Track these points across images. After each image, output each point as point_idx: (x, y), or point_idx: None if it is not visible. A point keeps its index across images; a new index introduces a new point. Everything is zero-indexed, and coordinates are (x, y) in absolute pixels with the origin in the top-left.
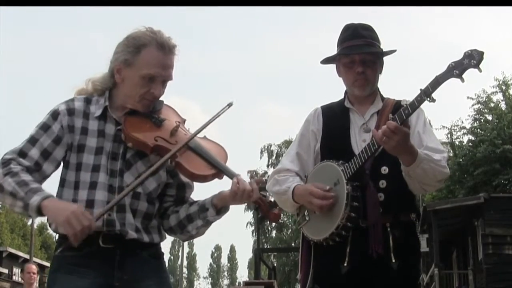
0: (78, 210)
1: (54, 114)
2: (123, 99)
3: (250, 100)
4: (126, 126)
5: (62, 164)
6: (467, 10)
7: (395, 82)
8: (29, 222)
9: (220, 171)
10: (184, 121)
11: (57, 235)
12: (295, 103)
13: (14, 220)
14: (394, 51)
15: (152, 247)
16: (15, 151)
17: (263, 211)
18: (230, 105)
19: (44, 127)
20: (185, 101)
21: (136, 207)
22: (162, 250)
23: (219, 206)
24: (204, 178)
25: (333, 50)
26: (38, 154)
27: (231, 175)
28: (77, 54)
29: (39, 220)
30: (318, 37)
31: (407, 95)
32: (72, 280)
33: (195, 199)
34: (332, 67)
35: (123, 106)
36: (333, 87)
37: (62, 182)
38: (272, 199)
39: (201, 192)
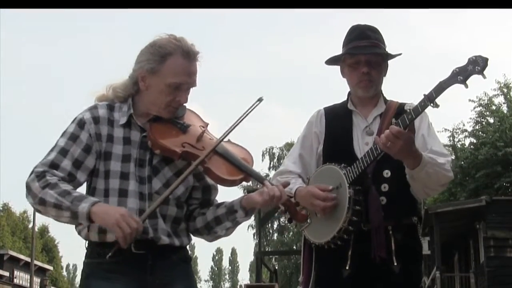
0: (127, 213)
1: (80, 123)
2: (147, 106)
3: (252, 102)
4: (153, 133)
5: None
6: (468, 12)
7: (395, 84)
8: (30, 225)
9: (248, 175)
10: (207, 125)
11: (86, 242)
12: (296, 105)
13: (15, 223)
14: (399, 54)
15: (182, 250)
16: (45, 163)
17: (291, 212)
18: (260, 100)
19: (73, 137)
20: (187, 103)
21: (166, 212)
22: (189, 253)
23: (248, 207)
24: (232, 183)
25: (333, 52)
26: (70, 164)
27: (259, 178)
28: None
29: (40, 223)
30: (319, 40)
31: (407, 97)
32: (105, 285)
33: (219, 201)
34: (335, 69)
35: (147, 113)
36: (335, 90)
37: (93, 191)
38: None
39: (225, 193)
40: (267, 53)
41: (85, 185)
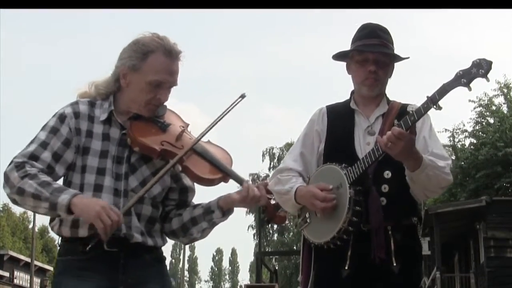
0: (108, 206)
1: (61, 117)
2: (128, 104)
3: (252, 103)
4: (132, 131)
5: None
6: (468, 13)
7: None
8: (30, 226)
9: (226, 175)
10: (187, 125)
11: (60, 238)
12: (296, 105)
13: (15, 223)
14: (407, 58)
15: (155, 250)
16: (25, 154)
17: (270, 213)
18: (243, 96)
19: (53, 130)
20: (183, 103)
21: (140, 211)
22: (164, 253)
23: (225, 208)
24: (211, 182)
25: (332, 52)
26: (50, 157)
27: (238, 179)
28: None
29: (40, 223)
30: (318, 40)
31: (407, 97)
32: (76, 283)
33: (196, 203)
34: (337, 68)
35: (127, 111)
36: (335, 90)
37: (68, 184)
38: (272, 202)
39: (203, 195)
40: (266, 53)
41: (61, 179)
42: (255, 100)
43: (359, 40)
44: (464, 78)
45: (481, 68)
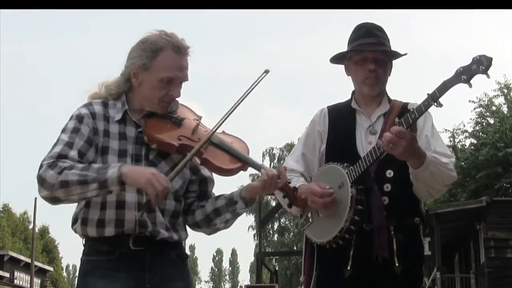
0: (157, 172)
1: (79, 118)
2: (141, 102)
3: (252, 103)
4: (149, 128)
5: None
6: (469, 13)
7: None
8: (31, 226)
9: (245, 163)
10: (201, 118)
11: (84, 238)
12: (296, 106)
13: (15, 223)
14: (405, 54)
15: (179, 246)
16: (53, 155)
17: (290, 197)
18: (267, 72)
19: (75, 130)
20: (186, 101)
21: (164, 206)
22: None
23: (248, 198)
24: (230, 172)
25: (333, 53)
26: (77, 155)
27: (256, 166)
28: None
29: (40, 223)
30: (320, 41)
31: (409, 97)
32: (104, 284)
33: (216, 194)
34: (337, 69)
35: (141, 109)
36: (335, 90)
37: None
38: (273, 204)
39: (221, 186)
40: (267, 54)
41: None
42: (255, 101)
43: (356, 40)
44: (465, 74)
45: (481, 64)
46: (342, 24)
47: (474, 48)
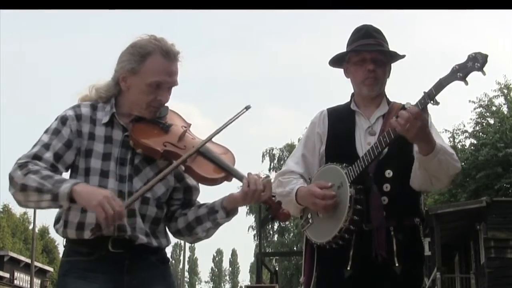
0: (110, 195)
1: (63, 119)
2: (129, 107)
3: (252, 104)
4: (134, 133)
5: (70, 169)
6: (469, 14)
7: (397, 86)
8: (31, 227)
9: (229, 173)
10: (189, 125)
11: (65, 239)
12: (296, 107)
13: (15, 224)
14: (403, 56)
15: (160, 251)
16: (29, 155)
17: (273, 211)
18: (247, 108)
19: (55, 132)
20: (184, 104)
21: (145, 212)
22: (167, 254)
23: (229, 208)
24: (214, 181)
25: (331, 55)
26: (52, 157)
27: (240, 177)
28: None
29: (40, 224)
30: (319, 42)
31: (409, 98)
32: (82, 285)
33: (201, 202)
34: (336, 71)
35: (129, 113)
36: (334, 91)
37: None
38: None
39: (208, 194)
40: (267, 55)
41: None
42: (255, 101)
43: (354, 42)
44: (460, 72)
45: (477, 61)
46: (343, 24)
47: (474, 48)
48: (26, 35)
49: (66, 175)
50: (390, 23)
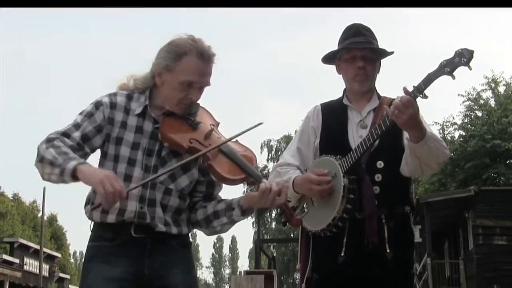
0: (113, 176)
1: (97, 105)
2: (162, 101)
3: (251, 98)
4: (163, 127)
5: (100, 153)
6: (458, 12)
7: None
8: (40, 214)
9: (249, 175)
10: (218, 124)
11: (92, 224)
12: (293, 100)
13: (25, 212)
14: (392, 52)
15: (181, 237)
16: (59, 132)
17: (287, 215)
18: (260, 124)
19: (88, 115)
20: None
21: (167, 202)
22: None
23: (245, 207)
24: (233, 182)
25: (328, 51)
26: (80, 136)
27: (259, 179)
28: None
29: (49, 212)
30: (313, 39)
31: (401, 93)
32: (105, 269)
33: (223, 198)
34: (329, 68)
35: (161, 107)
36: (328, 86)
37: None
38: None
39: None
40: (266, 52)
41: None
42: (255, 96)
43: (345, 40)
44: (448, 67)
45: (463, 57)
46: (338, 23)
47: (463, 44)
48: (26, 33)
49: (91, 158)
50: (385, 21)
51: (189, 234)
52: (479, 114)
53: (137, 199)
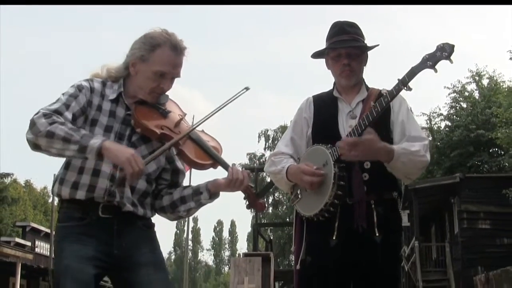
0: (135, 154)
1: (80, 87)
2: (135, 90)
3: (250, 90)
4: (137, 114)
5: None
6: (444, 9)
7: (380, 73)
8: (50, 200)
9: (216, 161)
10: (185, 114)
11: (59, 202)
12: (288, 93)
13: (36, 198)
14: (377, 45)
15: (145, 219)
16: (50, 109)
17: (250, 200)
18: (247, 89)
19: (74, 95)
20: (190, 89)
21: (135, 185)
22: (166, 225)
23: (213, 191)
24: (202, 166)
25: (319, 46)
26: (71, 117)
27: (226, 166)
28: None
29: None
30: (308, 36)
31: (390, 84)
32: (77, 248)
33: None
34: (320, 62)
35: (133, 95)
36: (321, 79)
37: None
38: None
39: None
40: (264, 47)
41: None
42: (253, 88)
43: (331, 38)
44: (430, 61)
45: (445, 51)
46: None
47: (449, 41)
48: (26, 30)
49: None
50: (377, 17)
51: (151, 219)
52: (464, 105)
53: (109, 177)
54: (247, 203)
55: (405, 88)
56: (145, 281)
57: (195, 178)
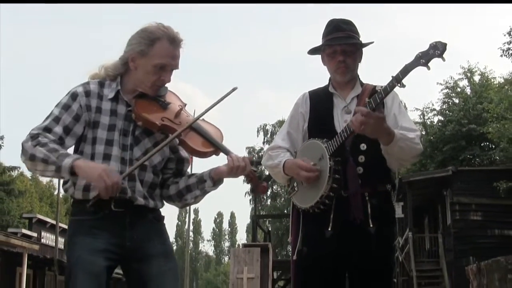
0: (108, 168)
1: (73, 95)
2: (135, 84)
3: (249, 86)
4: (137, 107)
5: (80, 138)
6: (436, 7)
7: (373, 70)
8: (56, 192)
9: (217, 148)
10: (185, 105)
11: (72, 200)
12: (286, 89)
13: (42, 190)
14: (371, 42)
15: (156, 211)
16: (40, 127)
17: (254, 183)
18: (234, 89)
19: (65, 107)
20: (190, 86)
21: (143, 177)
22: (168, 216)
23: (216, 178)
24: (204, 154)
25: (316, 43)
26: (61, 130)
27: (227, 152)
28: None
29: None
30: (305, 35)
31: (383, 82)
32: (91, 241)
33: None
34: (317, 58)
35: (133, 90)
36: (316, 77)
37: (80, 154)
38: (266, 172)
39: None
40: (263, 44)
41: (72, 150)
42: (252, 83)
43: (327, 35)
44: (423, 58)
45: (437, 49)
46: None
47: (442, 37)
48: (24, 28)
49: (71, 148)
50: (374, 15)
51: (160, 210)
52: (456, 101)
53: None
54: (251, 186)
55: (399, 85)
56: (156, 272)
57: (197, 165)
